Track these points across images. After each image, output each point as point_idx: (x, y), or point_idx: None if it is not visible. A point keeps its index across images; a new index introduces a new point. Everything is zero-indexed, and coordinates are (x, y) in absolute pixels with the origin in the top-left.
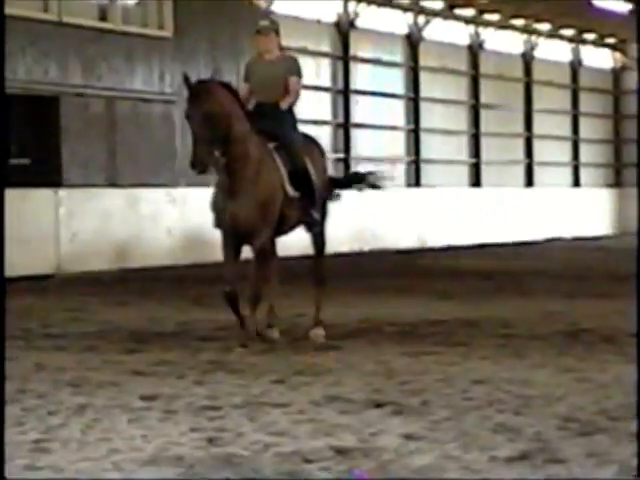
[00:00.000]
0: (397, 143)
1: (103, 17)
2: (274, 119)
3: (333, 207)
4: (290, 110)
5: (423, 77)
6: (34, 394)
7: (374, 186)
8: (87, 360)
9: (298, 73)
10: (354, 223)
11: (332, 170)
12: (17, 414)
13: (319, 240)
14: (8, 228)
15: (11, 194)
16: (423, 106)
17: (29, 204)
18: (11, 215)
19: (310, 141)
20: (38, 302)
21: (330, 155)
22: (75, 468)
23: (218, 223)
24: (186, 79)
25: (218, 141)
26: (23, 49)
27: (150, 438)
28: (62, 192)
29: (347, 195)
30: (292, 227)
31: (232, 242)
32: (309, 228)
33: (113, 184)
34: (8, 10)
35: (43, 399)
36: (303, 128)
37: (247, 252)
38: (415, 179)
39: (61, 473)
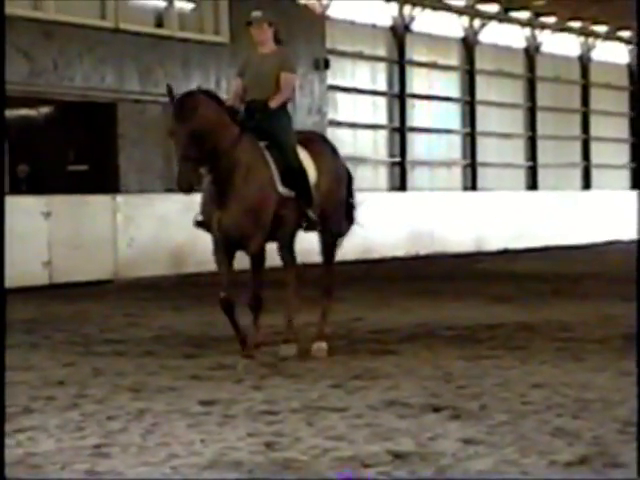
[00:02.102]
0: (453, 147)
1: (159, 23)
2: (266, 117)
3: (388, 210)
4: (284, 107)
5: (479, 80)
6: (93, 399)
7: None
8: (146, 365)
9: (290, 68)
10: (410, 227)
11: (388, 174)
12: (76, 419)
13: (329, 244)
14: (66, 234)
15: (69, 200)
16: (479, 109)
17: (87, 210)
18: (69, 221)
19: (320, 141)
20: (96, 307)
21: (386, 159)
22: (135, 473)
23: (200, 222)
24: (169, 91)
25: (204, 158)
26: (80, 56)
27: (209, 443)
28: (119, 198)
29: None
30: (293, 229)
31: (223, 249)
32: (307, 228)
33: (170, 190)
34: (67, 17)
35: (102, 404)
36: (360, 132)
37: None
38: (471, 183)
39: (121, 478)
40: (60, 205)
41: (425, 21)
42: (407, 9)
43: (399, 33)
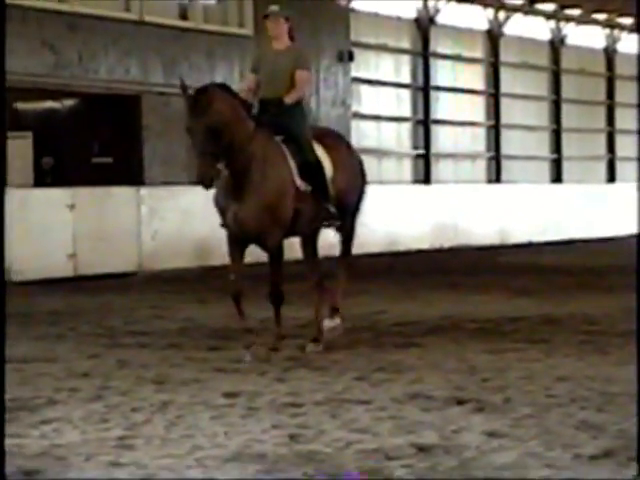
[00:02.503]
0: (477, 139)
1: (184, 16)
2: (281, 112)
3: (412, 203)
4: (299, 103)
5: (503, 73)
6: (117, 391)
7: None
8: (170, 357)
9: (305, 65)
10: (435, 220)
11: (412, 167)
12: (101, 411)
13: (347, 237)
14: (91, 226)
15: (94, 192)
16: (503, 102)
17: (111, 202)
18: (93, 213)
19: (334, 136)
20: (121, 300)
21: (410, 152)
22: (158, 464)
23: (223, 222)
24: (182, 86)
25: (222, 153)
26: (105, 48)
27: (232, 435)
28: (143, 190)
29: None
30: (311, 224)
31: (237, 242)
32: (328, 224)
33: (194, 182)
34: (91, 10)
35: (126, 396)
36: (383, 125)
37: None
38: (496, 175)
39: (144, 469)
40: (84, 197)
41: (450, 13)
42: (432, 1)
43: (423, 25)
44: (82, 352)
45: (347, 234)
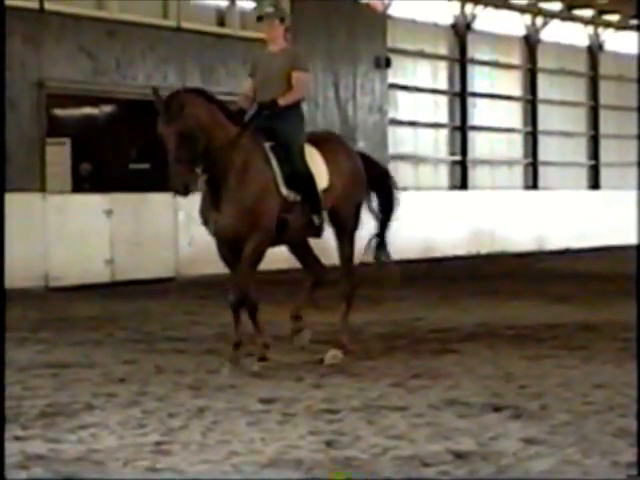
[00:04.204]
0: (514, 145)
1: (221, 22)
2: (275, 115)
3: (448, 209)
4: (295, 106)
5: (541, 79)
6: (154, 396)
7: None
8: (206, 363)
9: (302, 67)
10: (471, 226)
11: (449, 173)
12: (138, 416)
13: (345, 247)
14: (128, 232)
15: (131, 198)
16: (541, 108)
17: (148, 208)
18: (131, 219)
19: (335, 140)
20: (158, 305)
21: (447, 158)
22: (195, 470)
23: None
24: (155, 92)
25: (198, 158)
26: (143, 55)
27: (269, 441)
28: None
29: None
30: (301, 234)
31: (227, 251)
32: (314, 235)
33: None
34: (129, 16)
35: (163, 401)
36: (420, 131)
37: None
38: (533, 181)
39: (181, 475)
40: (122, 203)
41: (487, 19)
42: (469, 7)
43: (461, 31)
44: (119, 357)
45: (344, 244)
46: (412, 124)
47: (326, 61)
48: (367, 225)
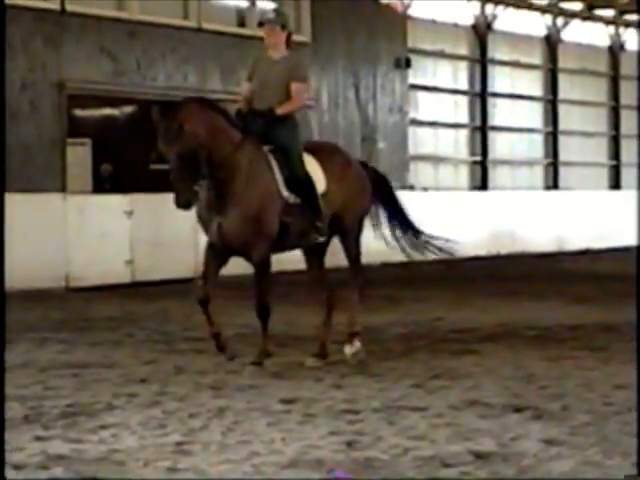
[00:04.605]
0: (535, 146)
1: (242, 23)
2: (271, 122)
3: (469, 210)
4: (290, 115)
5: (562, 79)
6: (175, 397)
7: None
8: (227, 363)
9: (301, 78)
10: (491, 226)
11: (469, 173)
12: (158, 416)
13: (351, 250)
14: (148, 232)
15: (151, 199)
16: (561, 108)
17: (168, 209)
18: (151, 220)
19: (331, 149)
20: (178, 306)
21: (467, 158)
22: (216, 470)
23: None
24: (154, 109)
25: (198, 174)
26: (163, 56)
27: (289, 441)
28: None
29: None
30: (302, 239)
31: (216, 254)
32: (314, 239)
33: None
34: (150, 17)
35: (184, 402)
36: (441, 131)
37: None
38: (553, 182)
39: (202, 475)
40: (142, 204)
41: (507, 19)
42: (489, 8)
43: (481, 32)
44: (140, 358)
45: (352, 254)
46: (432, 124)
47: (346, 62)
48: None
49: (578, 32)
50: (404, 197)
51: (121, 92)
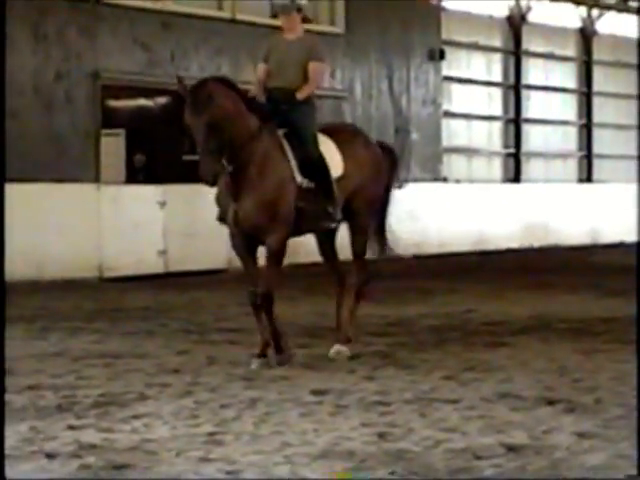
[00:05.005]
0: (569, 138)
1: (275, 14)
2: (287, 104)
3: (502, 202)
4: (308, 98)
5: (596, 71)
6: (207, 387)
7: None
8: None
9: (319, 57)
10: (525, 219)
11: (502, 165)
12: (190, 407)
13: (358, 240)
14: (181, 223)
15: (184, 190)
16: (596, 100)
17: (201, 200)
18: (184, 210)
19: (350, 131)
20: (210, 296)
21: (500, 150)
22: (247, 461)
23: (221, 217)
24: (179, 81)
25: (225, 148)
26: (197, 47)
27: (321, 432)
28: None
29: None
30: (317, 223)
31: (242, 243)
32: (328, 224)
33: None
34: (184, 8)
35: (216, 392)
36: (474, 123)
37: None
38: (587, 174)
39: (233, 465)
40: (175, 195)
41: (542, 11)
42: (524, 0)
43: (515, 23)
44: (172, 348)
45: (357, 236)
46: (466, 116)
47: (380, 53)
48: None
49: (613, 24)
50: (437, 189)
51: (155, 83)
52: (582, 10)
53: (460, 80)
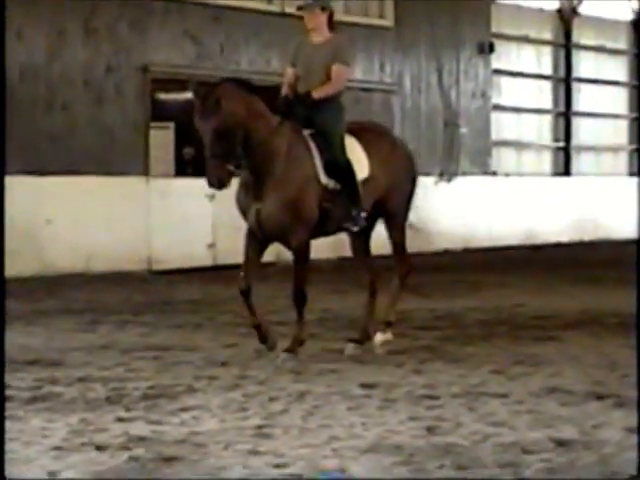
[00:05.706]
0: (620, 132)
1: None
2: (311, 106)
3: (551, 196)
4: (334, 98)
5: None
6: (255, 380)
7: None
8: (307, 347)
9: (344, 59)
10: (575, 213)
11: (552, 159)
12: (239, 400)
13: (395, 236)
14: (230, 216)
15: (233, 183)
16: None
17: None
18: (233, 204)
19: (377, 130)
20: (258, 290)
21: (550, 144)
22: (296, 454)
23: (245, 221)
24: (193, 85)
25: (232, 154)
26: (247, 40)
27: (369, 426)
28: None
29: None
30: (343, 224)
31: (256, 241)
32: (353, 226)
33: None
34: (234, 1)
35: (264, 385)
36: (524, 117)
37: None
38: (638, 168)
39: (282, 459)
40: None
41: (593, 4)
42: None
43: (566, 16)
44: (220, 341)
45: (396, 240)
46: (515, 110)
47: (429, 47)
48: None
49: None
50: (486, 183)
51: (204, 76)
52: (634, 3)
53: (510, 73)
